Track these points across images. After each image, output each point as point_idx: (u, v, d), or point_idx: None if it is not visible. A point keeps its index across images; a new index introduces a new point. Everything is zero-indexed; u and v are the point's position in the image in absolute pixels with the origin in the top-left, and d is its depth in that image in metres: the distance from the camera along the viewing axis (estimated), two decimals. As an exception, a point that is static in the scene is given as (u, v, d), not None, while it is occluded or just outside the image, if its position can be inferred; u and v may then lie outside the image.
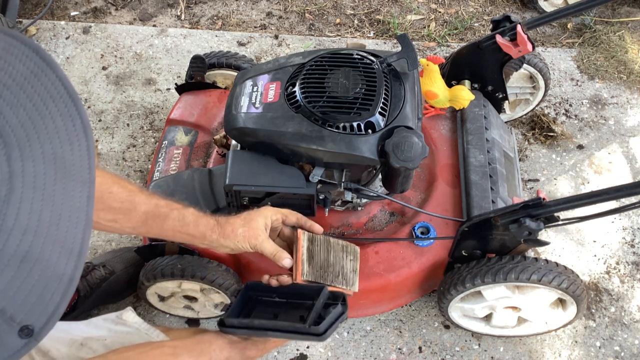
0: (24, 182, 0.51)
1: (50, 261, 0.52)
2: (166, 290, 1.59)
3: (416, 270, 1.57)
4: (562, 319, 1.60)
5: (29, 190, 0.51)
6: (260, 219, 1.15)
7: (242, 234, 1.14)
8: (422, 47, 2.52)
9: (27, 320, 0.51)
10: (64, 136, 0.55)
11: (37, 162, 0.52)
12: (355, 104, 1.29)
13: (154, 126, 2.23)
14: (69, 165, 0.54)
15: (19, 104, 0.52)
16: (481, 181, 1.62)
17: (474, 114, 1.78)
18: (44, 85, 0.55)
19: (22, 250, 0.50)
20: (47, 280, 0.52)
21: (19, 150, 0.51)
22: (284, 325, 1.10)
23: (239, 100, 1.39)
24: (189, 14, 2.65)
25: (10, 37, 0.56)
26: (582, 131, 2.21)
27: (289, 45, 2.51)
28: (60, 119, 0.55)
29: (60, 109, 0.56)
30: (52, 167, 0.53)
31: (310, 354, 1.72)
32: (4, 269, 0.49)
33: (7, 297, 0.50)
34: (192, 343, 1.05)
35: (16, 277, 0.50)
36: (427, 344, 1.74)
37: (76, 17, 2.62)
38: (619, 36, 2.49)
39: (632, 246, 1.92)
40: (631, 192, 1.18)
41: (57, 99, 0.56)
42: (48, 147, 0.53)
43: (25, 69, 0.55)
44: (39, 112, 0.54)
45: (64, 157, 0.54)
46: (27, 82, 0.54)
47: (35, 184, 0.51)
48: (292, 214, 1.22)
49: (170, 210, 1.16)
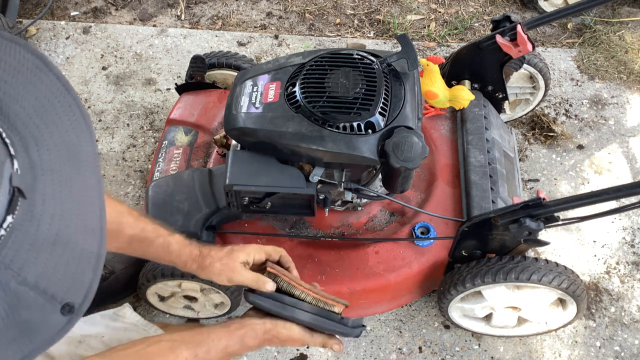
0: (43, 170, 0.54)
1: (77, 242, 0.55)
2: (166, 290, 1.59)
3: (416, 270, 1.57)
4: (562, 319, 1.60)
5: (49, 177, 0.54)
6: (242, 256, 1.14)
7: (218, 269, 1.13)
8: (422, 47, 2.52)
9: (68, 298, 0.54)
10: (68, 125, 0.58)
11: (52, 151, 0.55)
12: (355, 104, 1.29)
13: (154, 126, 2.23)
14: (77, 152, 0.58)
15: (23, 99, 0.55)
16: (481, 181, 1.62)
17: (474, 114, 1.78)
18: (41, 80, 0.58)
19: (52, 233, 0.53)
20: (78, 259, 0.55)
21: (34, 141, 0.54)
22: (315, 308, 1.09)
23: (239, 100, 1.39)
24: (189, 14, 2.65)
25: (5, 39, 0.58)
26: (582, 131, 2.21)
27: (289, 45, 2.51)
28: (62, 110, 0.58)
29: (60, 101, 0.58)
30: (65, 154, 0.56)
31: (310, 354, 1.72)
32: (40, 252, 0.52)
33: (46, 278, 0.53)
34: (189, 335, 1.05)
35: (51, 259, 0.53)
36: (427, 344, 1.74)
37: (76, 17, 2.62)
38: (619, 36, 2.49)
39: (632, 246, 1.92)
40: (631, 192, 1.18)
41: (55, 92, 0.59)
42: (57, 136, 0.56)
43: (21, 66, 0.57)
44: (42, 104, 0.57)
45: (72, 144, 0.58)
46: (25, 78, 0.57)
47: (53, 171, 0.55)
48: (276, 251, 1.19)
49: (156, 237, 1.16)
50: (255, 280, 1.11)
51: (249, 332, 1.08)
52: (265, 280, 1.11)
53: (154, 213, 1.50)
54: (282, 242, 1.60)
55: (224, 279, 1.13)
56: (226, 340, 1.05)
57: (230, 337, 1.06)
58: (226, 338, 1.06)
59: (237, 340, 1.06)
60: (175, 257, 1.16)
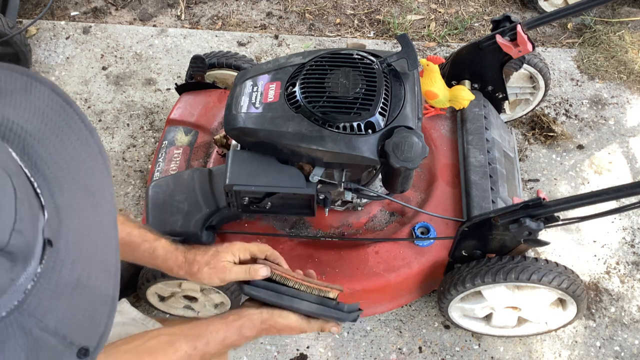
0: (67, 214, 0.55)
1: (95, 285, 0.56)
2: (166, 290, 1.59)
3: (416, 270, 1.57)
4: (562, 319, 1.60)
5: (72, 221, 0.55)
6: (228, 256, 1.14)
7: (207, 273, 1.13)
8: (422, 47, 2.52)
9: (84, 342, 0.55)
10: (89, 165, 0.59)
11: (74, 194, 0.56)
12: (355, 104, 1.29)
13: (154, 126, 2.23)
14: (97, 193, 0.59)
15: (47, 141, 0.56)
16: (481, 181, 1.62)
17: (474, 114, 1.78)
18: (65, 121, 0.58)
19: (73, 279, 0.54)
20: (95, 302, 0.56)
21: (59, 186, 0.55)
22: (310, 296, 1.10)
23: (239, 100, 1.39)
24: (189, 14, 2.65)
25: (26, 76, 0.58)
26: (582, 131, 2.21)
27: (289, 45, 2.51)
28: (84, 151, 0.59)
29: (82, 142, 0.59)
30: (86, 196, 0.57)
31: (310, 354, 1.72)
32: (61, 298, 0.53)
33: (66, 324, 0.54)
34: (188, 328, 1.06)
35: (71, 304, 0.54)
36: (427, 344, 1.74)
37: (76, 17, 2.62)
38: (619, 36, 2.49)
39: (632, 246, 1.92)
40: (631, 192, 1.18)
41: (78, 133, 0.59)
42: (80, 178, 0.57)
43: (45, 106, 0.57)
44: (65, 146, 0.57)
45: (92, 185, 0.58)
46: (49, 119, 0.57)
47: (76, 215, 0.55)
48: (261, 250, 1.18)
49: (142, 242, 1.16)
50: (247, 271, 1.12)
51: (247, 322, 1.09)
52: (257, 268, 1.11)
53: (154, 213, 1.50)
54: (282, 242, 1.60)
55: (216, 281, 1.14)
56: (224, 332, 1.06)
57: (228, 329, 1.07)
58: (224, 330, 1.07)
59: (235, 331, 1.07)
60: (161, 263, 1.17)
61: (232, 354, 1.71)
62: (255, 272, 1.11)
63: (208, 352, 1.04)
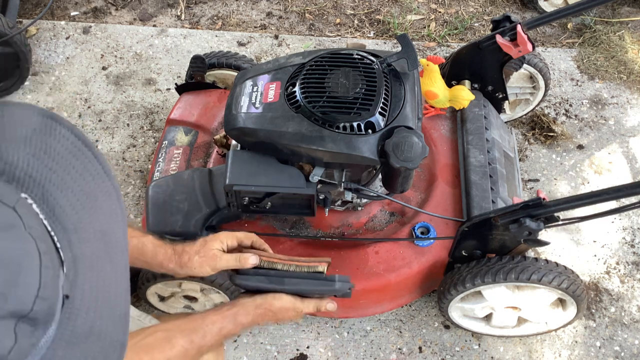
0: (83, 264, 0.54)
1: (107, 332, 0.56)
2: (166, 290, 1.59)
3: (416, 270, 1.57)
4: (562, 319, 1.60)
5: (88, 270, 0.54)
6: (216, 244, 1.16)
7: (197, 262, 1.15)
8: (422, 47, 2.52)
9: None
10: (107, 211, 0.59)
11: (91, 242, 0.56)
12: (355, 104, 1.29)
13: (154, 126, 2.23)
14: (112, 239, 0.58)
15: (67, 187, 0.55)
16: (481, 181, 1.62)
17: (474, 114, 1.78)
18: (83, 164, 0.58)
19: (86, 328, 0.53)
20: (106, 349, 0.56)
21: (76, 234, 0.54)
22: (300, 274, 1.12)
23: (239, 100, 1.39)
24: (189, 14, 2.65)
25: (46, 117, 0.58)
26: (582, 131, 2.21)
27: (289, 45, 2.51)
28: (101, 195, 0.59)
29: (99, 186, 0.59)
30: (102, 243, 0.57)
31: (310, 354, 1.72)
32: (74, 347, 0.52)
33: None
34: (184, 323, 1.07)
35: (83, 352, 0.53)
36: (427, 344, 1.74)
37: (76, 17, 2.62)
38: (619, 36, 2.49)
39: (632, 246, 1.92)
40: (631, 192, 1.18)
41: (95, 176, 0.59)
42: (97, 224, 0.57)
43: (64, 150, 0.57)
44: (84, 191, 0.57)
45: (109, 231, 0.58)
46: (68, 163, 0.57)
47: (92, 263, 0.55)
48: (248, 237, 1.21)
49: (130, 238, 1.16)
50: (237, 259, 1.14)
51: (241, 310, 1.10)
52: (247, 256, 1.14)
53: (154, 213, 1.50)
54: (282, 242, 1.60)
55: (207, 270, 1.15)
56: (220, 323, 1.07)
57: (223, 319, 1.08)
58: (219, 320, 1.08)
59: (230, 320, 1.08)
60: (150, 258, 1.17)
61: (232, 354, 1.71)
62: (245, 260, 1.13)
63: (205, 345, 1.05)
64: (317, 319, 1.77)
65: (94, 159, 0.59)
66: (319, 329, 1.76)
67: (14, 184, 0.51)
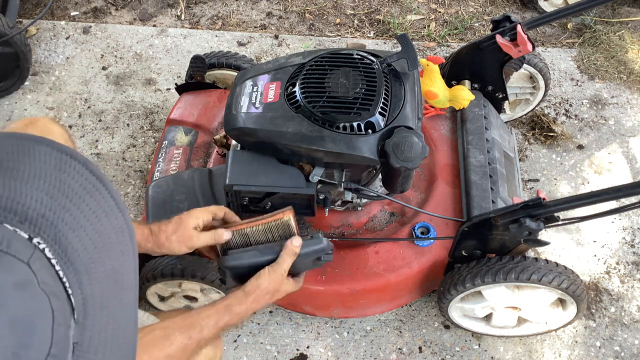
0: (93, 304, 0.53)
1: None
2: (166, 290, 1.59)
3: (416, 270, 1.57)
4: (562, 319, 1.60)
5: (97, 311, 0.54)
6: (191, 221, 1.18)
7: (175, 240, 1.17)
8: (422, 47, 2.52)
9: None
10: (118, 249, 0.58)
11: (102, 282, 0.55)
12: (355, 104, 1.29)
13: (154, 126, 2.23)
14: (123, 277, 0.58)
15: (79, 226, 0.54)
16: (481, 181, 1.62)
17: (474, 114, 1.78)
18: (97, 201, 0.57)
19: None
20: None
21: (87, 275, 0.53)
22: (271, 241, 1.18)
23: (239, 100, 1.39)
24: (189, 14, 2.65)
25: (62, 153, 0.57)
26: (582, 131, 2.21)
27: (289, 45, 2.51)
28: (114, 233, 0.58)
29: (113, 224, 0.58)
30: (112, 283, 0.56)
31: (310, 354, 1.72)
32: None
33: None
34: (180, 320, 1.08)
35: None
36: (427, 344, 1.74)
37: (76, 17, 2.62)
38: (619, 36, 2.49)
39: (632, 246, 1.92)
40: (631, 192, 1.18)
41: (109, 213, 0.58)
42: (108, 263, 0.56)
43: (78, 186, 0.56)
44: (97, 230, 0.56)
45: (119, 270, 0.57)
46: (82, 200, 0.56)
47: (102, 304, 0.54)
48: (220, 209, 1.24)
49: None
50: (212, 237, 1.17)
51: (232, 300, 1.12)
52: (221, 232, 1.17)
53: (154, 213, 1.50)
54: (282, 242, 1.60)
55: (184, 249, 1.17)
56: (215, 316, 1.09)
57: (218, 312, 1.09)
58: (215, 314, 1.09)
59: (225, 311, 1.10)
60: None
61: (232, 354, 1.71)
62: (219, 236, 1.17)
63: (203, 338, 1.07)
64: (317, 319, 1.77)
65: (108, 195, 0.58)
66: (319, 329, 1.76)
67: (26, 224, 0.51)
